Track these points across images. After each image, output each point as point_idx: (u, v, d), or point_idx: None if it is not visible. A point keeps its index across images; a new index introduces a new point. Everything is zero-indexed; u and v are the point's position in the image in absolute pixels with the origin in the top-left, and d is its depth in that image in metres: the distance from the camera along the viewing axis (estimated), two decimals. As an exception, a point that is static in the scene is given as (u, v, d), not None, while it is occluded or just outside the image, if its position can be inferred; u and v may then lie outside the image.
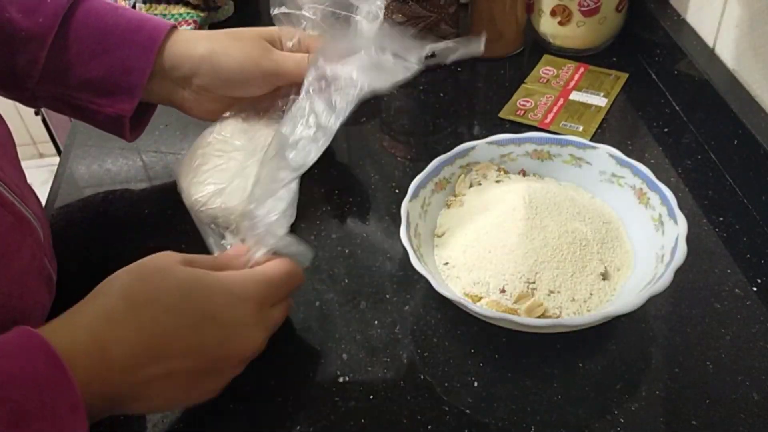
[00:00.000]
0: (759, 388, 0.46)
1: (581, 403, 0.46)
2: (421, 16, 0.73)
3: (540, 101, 0.72)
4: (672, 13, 0.74)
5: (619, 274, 0.50)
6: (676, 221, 0.49)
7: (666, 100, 0.71)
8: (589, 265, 0.50)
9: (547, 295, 0.48)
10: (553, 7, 0.75)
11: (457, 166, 0.57)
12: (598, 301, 0.49)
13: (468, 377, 0.48)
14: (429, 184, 0.56)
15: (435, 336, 0.51)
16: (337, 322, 0.52)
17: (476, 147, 0.58)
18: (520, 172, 0.59)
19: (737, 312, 0.50)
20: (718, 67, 0.66)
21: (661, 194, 0.51)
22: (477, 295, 0.50)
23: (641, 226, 0.52)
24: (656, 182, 0.52)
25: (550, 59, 0.78)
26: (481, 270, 0.50)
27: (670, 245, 0.48)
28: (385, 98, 0.76)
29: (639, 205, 0.53)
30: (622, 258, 0.51)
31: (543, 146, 0.58)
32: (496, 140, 0.58)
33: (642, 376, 0.47)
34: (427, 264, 0.50)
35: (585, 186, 0.57)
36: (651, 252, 0.50)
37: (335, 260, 0.57)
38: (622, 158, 0.54)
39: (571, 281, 0.49)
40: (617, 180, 0.55)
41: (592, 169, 0.56)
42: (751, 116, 0.59)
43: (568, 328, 0.47)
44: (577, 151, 0.57)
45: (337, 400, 0.47)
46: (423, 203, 0.55)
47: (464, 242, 0.52)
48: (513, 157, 0.58)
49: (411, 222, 0.52)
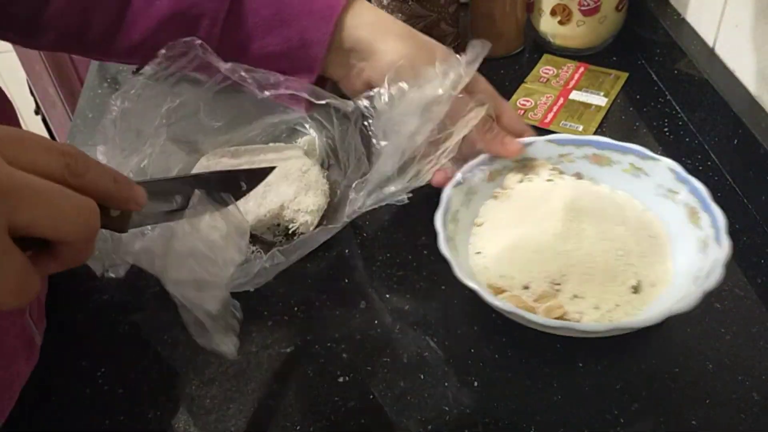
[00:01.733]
0: (759, 388, 0.46)
1: (581, 403, 0.46)
2: (421, 16, 0.73)
3: (540, 101, 0.72)
4: (672, 13, 0.74)
5: (652, 290, 0.49)
6: (720, 244, 0.47)
7: (666, 100, 0.71)
8: (622, 276, 0.49)
9: (571, 299, 0.48)
10: (553, 7, 0.75)
11: (512, 160, 0.57)
12: (623, 313, 0.48)
13: (468, 377, 0.48)
14: (478, 173, 0.55)
15: (435, 336, 0.51)
16: (336, 321, 0.52)
17: (534, 143, 0.57)
18: (575, 175, 0.57)
19: (737, 312, 0.50)
20: (718, 67, 0.66)
21: (712, 216, 0.49)
22: (500, 287, 0.50)
23: (687, 246, 0.50)
24: (710, 203, 0.49)
25: (549, 59, 0.78)
26: (509, 264, 0.50)
27: (707, 268, 0.46)
28: (385, 98, 0.76)
29: (689, 224, 0.51)
30: (659, 274, 0.50)
31: (604, 151, 0.56)
32: (555, 139, 0.57)
33: (641, 376, 0.47)
34: (457, 250, 0.50)
35: (640, 197, 0.55)
36: (690, 272, 0.48)
37: (334, 261, 0.57)
38: (681, 174, 0.52)
39: (599, 289, 0.48)
40: (672, 196, 0.53)
41: (649, 181, 0.54)
42: (751, 116, 0.59)
43: (576, 333, 0.46)
44: (638, 161, 0.55)
45: (337, 400, 0.47)
46: (469, 191, 0.55)
47: (499, 235, 0.52)
48: (571, 158, 0.57)
49: (451, 207, 0.52)
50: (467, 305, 0.53)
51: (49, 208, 0.29)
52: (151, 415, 0.47)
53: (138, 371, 0.50)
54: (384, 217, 0.60)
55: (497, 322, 0.51)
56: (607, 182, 0.57)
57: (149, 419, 0.47)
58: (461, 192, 0.54)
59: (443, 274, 0.55)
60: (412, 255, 0.57)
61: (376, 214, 0.61)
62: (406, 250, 0.57)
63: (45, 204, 0.29)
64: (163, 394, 0.48)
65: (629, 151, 0.55)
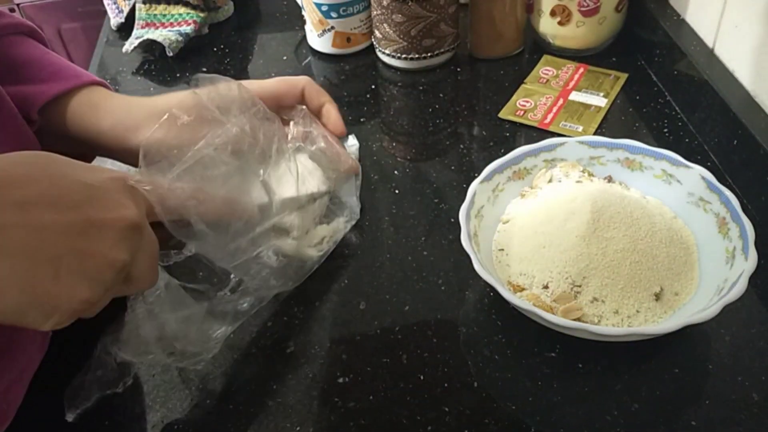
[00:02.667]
0: (759, 389, 0.46)
1: (581, 404, 0.46)
2: (420, 16, 0.73)
3: (540, 101, 0.72)
4: (671, 13, 0.74)
5: (675, 299, 0.49)
6: (746, 257, 0.46)
7: (665, 101, 0.71)
8: (645, 283, 0.48)
9: (590, 302, 0.48)
10: (552, 8, 0.75)
11: (541, 159, 0.57)
12: (642, 319, 0.48)
13: (468, 378, 0.48)
14: (506, 170, 0.56)
15: (435, 336, 0.51)
16: (336, 322, 0.52)
17: (566, 143, 0.57)
18: (606, 178, 0.57)
19: (737, 312, 0.50)
20: (718, 67, 0.66)
21: (741, 227, 0.48)
22: (520, 285, 0.50)
23: (714, 257, 0.50)
24: (740, 214, 0.49)
25: (549, 59, 0.78)
26: (531, 263, 0.50)
27: (733, 279, 0.46)
28: (384, 98, 0.76)
29: (718, 234, 0.50)
30: (684, 284, 0.49)
31: (636, 156, 0.56)
32: (587, 140, 0.57)
33: (641, 376, 0.47)
34: (479, 246, 0.50)
35: (670, 204, 0.54)
36: (714, 283, 0.48)
37: (334, 261, 0.57)
38: (713, 183, 0.52)
39: (620, 294, 0.48)
40: (703, 205, 0.52)
41: (681, 188, 0.54)
42: (751, 116, 0.59)
43: (593, 336, 0.46)
44: (670, 168, 0.54)
45: (336, 401, 0.47)
46: (495, 188, 0.55)
47: (523, 233, 0.52)
48: (603, 161, 0.57)
49: (476, 202, 0.52)
50: (467, 306, 0.53)
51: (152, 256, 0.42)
52: (149, 416, 0.47)
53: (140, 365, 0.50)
54: (383, 218, 0.60)
55: (497, 323, 0.51)
56: (637, 187, 0.56)
57: (147, 419, 0.47)
58: (488, 188, 0.54)
59: (443, 276, 0.55)
60: (411, 256, 0.57)
61: (375, 215, 0.61)
62: (406, 251, 0.57)
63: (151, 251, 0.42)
64: (162, 394, 0.48)
65: (662, 156, 0.55)
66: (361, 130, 0.71)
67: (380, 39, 0.77)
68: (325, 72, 0.81)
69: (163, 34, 0.82)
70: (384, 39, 0.77)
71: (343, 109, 0.74)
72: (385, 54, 0.78)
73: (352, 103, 0.76)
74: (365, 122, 0.73)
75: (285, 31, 0.88)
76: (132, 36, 0.84)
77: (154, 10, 0.86)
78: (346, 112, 0.74)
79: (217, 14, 0.89)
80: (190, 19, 0.84)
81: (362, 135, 0.71)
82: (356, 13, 0.78)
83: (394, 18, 0.74)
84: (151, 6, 0.86)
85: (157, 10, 0.86)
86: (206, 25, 0.87)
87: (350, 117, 0.74)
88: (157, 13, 0.86)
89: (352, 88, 0.78)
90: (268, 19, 0.91)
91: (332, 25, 0.78)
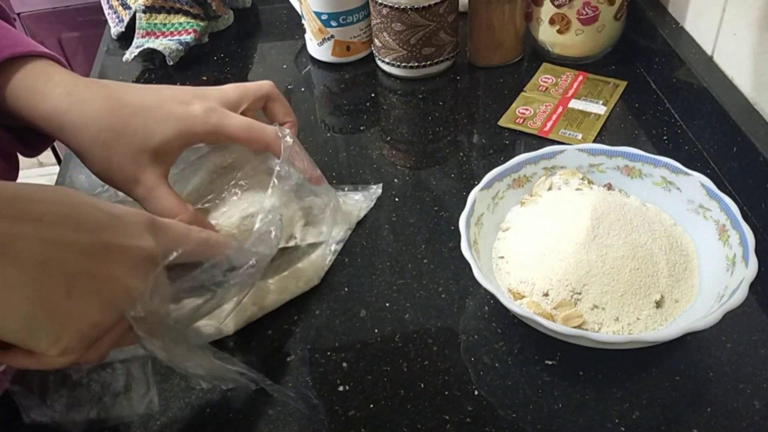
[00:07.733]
0: (760, 396, 0.46)
1: (582, 411, 0.46)
2: (420, 25, 0.73)
3: (539, 109, 0.72)
4: (670, 21, 0.74)
5: (675, 306, 0.49)
6: (747, 264, 0.46)
7: (665, 108, 0.71)
8: (645, 290, 0.48)
9: (590, 309, 0.48)
10: (551, 16, 0.75)
11: (541, 167, 0.57)
12: (643, 327, 0.48)
13: (468, 386, 0.48)
14: (506, 178, 0.56)
15: (435, 344, 0.51)
16: (336, 330, 0.52)
17: (565, 151, 0.57)
18: (606, 186, 0.57)
19: (737, 319, 0.50)
20: (717, 75, 0.66)
21: (741, 234, 0.48)
22: (520, 293, 0.50)
23: (714, 264, 0.50)
24: (740, 221, 0.49)
25: (548, 67, 0.78)
26: (531, 270, 0.50)
27: (733, 286, 0.46)
28: (384, 106, 0.76)
29: (718, 241, 0.50)
30: (685, 291, 0.50)
31: (635, 163, 0.56)
32: (587, 148, 0.57)
33: (642, 384, 0.47)
34: (479, 253, 0.50)
35: (670, 212, 0.55)
36: (714, 290, 0.48)
37: (334, 269, 0.57)
38: (713, 190, 0.52)
39: (620, 301, 0.48)
40: (703, 212, 0.52)
41: (681, 195, 0.54)
42: (750, 124, 0.59)
43: (593, 344, 0.46)
44: (670, 175, 0.55)
45: (337, 409, 0.47)
46: (495, 195, 0.55)
47: (523, 240, 0.52)
48: (602, 168, 0.57)
49: (475, 210, 0.52)
50: (467, 314, 0.53)
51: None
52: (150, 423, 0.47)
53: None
54: (383, 226, 0.60)
55: (497, 331, 0.51)
56: (637, 194, 0.56)
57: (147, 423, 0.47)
58: (487, 196, 0.54)
59: (443, 283, 0.55)
60: (411, 264, 0.57)
61: (374, 223, 0.61)
62: (406, 259, 0.57)
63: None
64: (161, 403, 0.48)
65: (661, 163, 0.55)
66: (360, 138, 0.72)
67: (380, 47, 0.78)
68: (325, 80, 0.81)
69: (163, 43, 0.83)
70: (384, 47, 0.77)
71: (343, 117, 0.75)
72: (384, 62, 0.79)
73: (352, 111, 0.76)
74: (365, 130, 0.73)
75: (285, 39, 0.89)
76: (132, 45, 0.84)
77: (154, 19, 0.86)
78: (346, 120, 0.75)
79: (217, 23, 0.89)
80: (191, 28, 0.85)
81: (362, 143, 0.71)
82: (356, 21, 0.78)
83: (394, 27, 0.74)
84: (152, 15, 0.86)
85: (157, 20, 0.86)
86: (206, 34, 0.88)
87: (350, 125, 0.74)
88: (157, 23, 0.86)
89: (351, 97, 0.78)
90: (268, 28, 0.92)
91: (332, 34, 0.79)
